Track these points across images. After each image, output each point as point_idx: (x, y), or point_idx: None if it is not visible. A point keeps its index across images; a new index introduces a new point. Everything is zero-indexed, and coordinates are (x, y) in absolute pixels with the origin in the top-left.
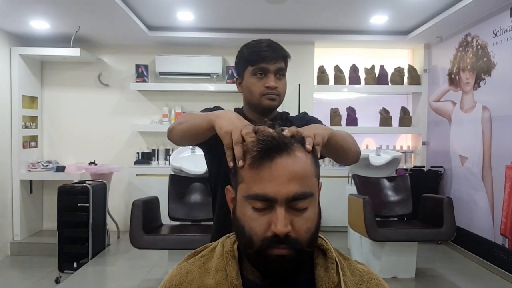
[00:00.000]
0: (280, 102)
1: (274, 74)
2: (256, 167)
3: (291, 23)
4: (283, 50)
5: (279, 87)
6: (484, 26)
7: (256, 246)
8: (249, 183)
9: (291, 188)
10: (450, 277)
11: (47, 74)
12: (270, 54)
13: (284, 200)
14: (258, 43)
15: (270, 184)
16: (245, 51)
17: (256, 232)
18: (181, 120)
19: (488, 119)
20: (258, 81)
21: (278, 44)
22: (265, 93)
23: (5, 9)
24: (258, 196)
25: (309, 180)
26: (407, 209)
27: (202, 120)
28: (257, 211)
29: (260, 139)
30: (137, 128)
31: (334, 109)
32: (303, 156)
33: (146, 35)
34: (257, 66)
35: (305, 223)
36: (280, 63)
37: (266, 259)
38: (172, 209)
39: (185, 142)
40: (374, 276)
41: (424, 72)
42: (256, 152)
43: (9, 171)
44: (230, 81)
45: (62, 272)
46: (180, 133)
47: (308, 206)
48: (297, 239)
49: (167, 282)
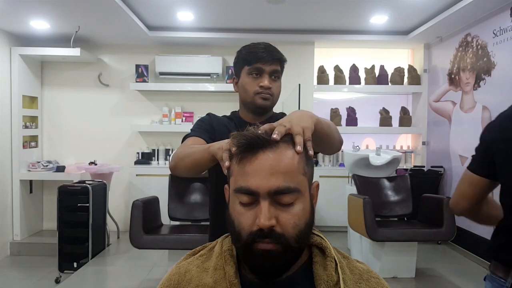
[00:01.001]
0: (273, 103)
1: (269, 75)
2: (241, 161)
3: (291, 23)
4: (279, 53)
5: (273, 88)
6: (484, 26)
7: (243, 240)
8: (236, 177)
9: (274, 182)
10: (450, 277)
11: (47, 74)
12: (266, 56)
13: (266, 194)
14: (256, 45)
15: (253, 178)
16: (243, 51)
17: (243, 226)
18: (181, 156)
19: (488, 119)
20: (253, 80)
21: (275, 47)
22: (258, 92)
23: (5, 9)
24: (242, 189)
25: (294, 176)
26: (407, 209)
27: (202, 153)
28: (244, 206)
29: (245, 135)
30: (137, 128)
31: (334, 109)
32: (288, 153)
33: (146, 35)
34: (253, 66)
35: (291, 218)
36: (276, 66)
37: (252, 254)
38: (172, 209)
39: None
40: (374, 275)
41: (424, 72)
42: (241, 147)
43: (9, 171)
44: (230, 81)
45: (62, 272)
46: (186, 168)
47: (295, 202)
48: (283, 234)
49: (166, 281)
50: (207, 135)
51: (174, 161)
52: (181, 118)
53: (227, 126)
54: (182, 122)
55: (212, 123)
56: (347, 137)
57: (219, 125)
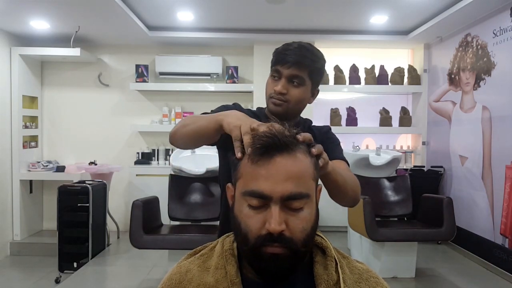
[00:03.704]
0: (287, 110)
1: (287, 80)
2: (255, 163)
3: (291, 23)
4: (305, 58)
5: (289, 94)
6: (484, 26)
7: (251, 243)
8: (247, 179)
9: (287, 187)
10: (450, 277)
11: (47, 74)
12: (287, 58)
13: (279, 199)
14: (286, 45)
15: (266, 182)
16: (275, 50)
17: (251, 229)
18: (184, 123)
19: (488, 119)
20: (272, 82)
21: (308, 51)
22: (272, 96)
23: (5, 9)
24: (254, 193)
25: (306, 181)
26: (407, 209)
27: (208, 121)
28: (253, 208)
29: (262, 135)
30: (137, 128)
31: (334, 109)
32: (303, 158)
33: (146, 35)
34: (274, 67)
35: (300, 223)
36: (296, 70)
37: (260, 257)
38: (172, 209)
39: (190, 145)
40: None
41: (424, 72)
42: (256, 148)
43: (9, 171)
44: (230, 81)
45: (62, 272)
46: (185, 136)
47: (304, 206)
48: (291, 239)
49: (167, 281)
50: None
51: (175, 127)
52: (181, 118)
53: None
54: None
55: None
56: (347, 137)
57: None
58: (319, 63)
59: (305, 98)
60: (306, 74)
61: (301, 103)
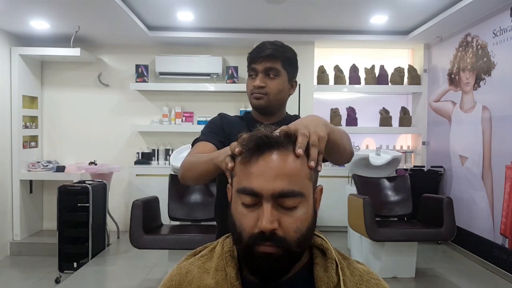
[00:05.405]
0: (269, 101)
1: (263, 74)
2: (247, 161)
3: (291, 23)
4: (275, 50)
5: (267, 86)
6: (484, 26)
7: (244, 242)
8: (240, 177)
9: (278, 184)
10: (450, 277)
11: (47, 74)
12: (257, 55)
13: (270, 196)
14: (260, 44)
15: (257, 179)
16: (248, 54)
17: (244, 228)
18: (187, 167)
19: (488, 119)
20: (250, 81)
21: (277, 45)
22: (252, 93)
23: (5, 9)
24: (246, 190)
25: (300, 180)
26: (407, 209)
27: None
28: (246, 207)
29: (254, 135)
30: (137, 128)
31: (334, 109)
32: (297, 157)
33: (146, 35)
34: (250, 67)
35: (294, 222)
36: (269, 63)
37: (253, 256)
38: (172, 209)
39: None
40: (374, 276)
41: (424, 72)
42: (248, 147)
43: (9, 171)
44: (230, 81)
45: (62, 272)
46: (193, 180)
47: (298, 205)
48: (284, 238)
49: (167, 282)
50: (217, 139)
51: (181, 172)
52: (181, 118)
53: (238, 126)
54: (182, 122)
55: (222, 125)
56: None
57: (230, 125)
58: (290, 52)
59: (284, 88)
60: (280, 65)
61: (281, 93)
